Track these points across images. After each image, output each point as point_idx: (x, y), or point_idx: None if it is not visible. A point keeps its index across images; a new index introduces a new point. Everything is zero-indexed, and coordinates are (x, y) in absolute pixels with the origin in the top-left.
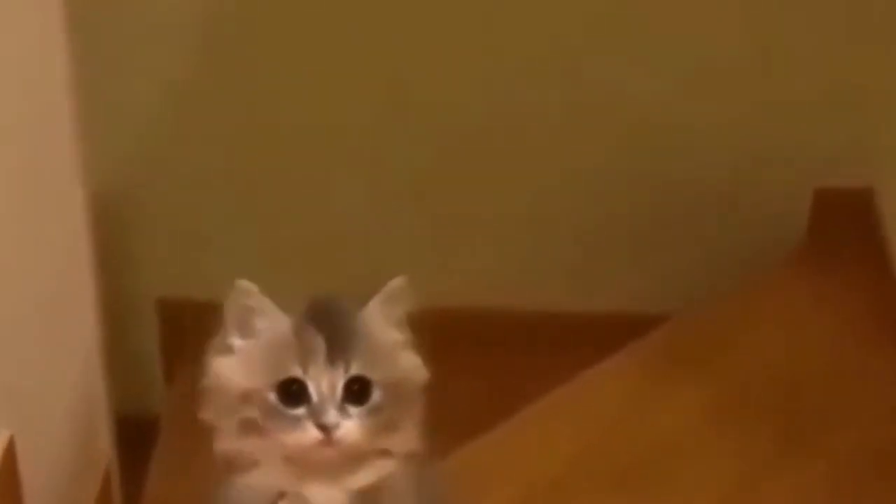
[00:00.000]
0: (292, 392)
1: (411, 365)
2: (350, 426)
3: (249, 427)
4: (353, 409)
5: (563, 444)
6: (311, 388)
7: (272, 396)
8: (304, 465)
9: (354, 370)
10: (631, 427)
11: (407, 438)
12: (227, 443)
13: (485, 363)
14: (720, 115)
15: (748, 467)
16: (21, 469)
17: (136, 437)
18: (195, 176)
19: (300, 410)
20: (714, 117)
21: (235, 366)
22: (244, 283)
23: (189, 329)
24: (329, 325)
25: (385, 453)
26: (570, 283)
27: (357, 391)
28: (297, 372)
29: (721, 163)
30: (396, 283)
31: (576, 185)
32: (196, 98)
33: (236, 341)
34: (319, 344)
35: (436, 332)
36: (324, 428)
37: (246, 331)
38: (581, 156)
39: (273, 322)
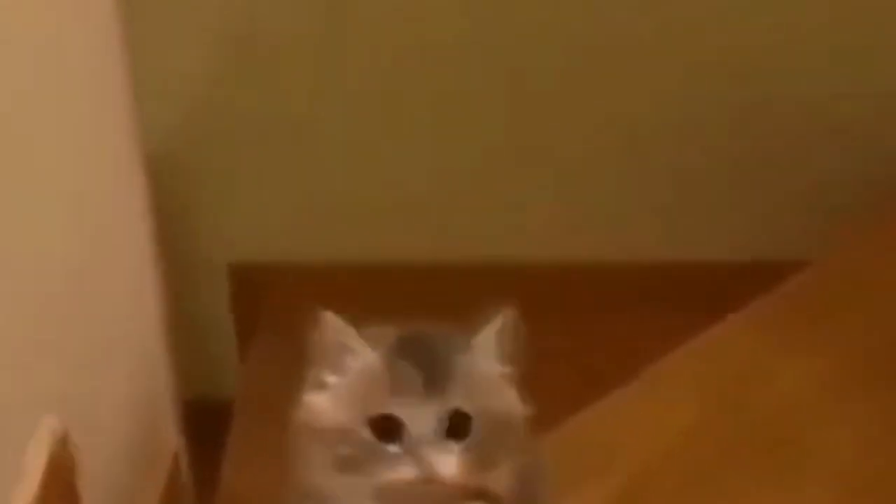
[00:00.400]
0: (387, 428)
1: (513, 400)
2: (449, 462)
3: (343, 464)
4: (452, 445)
5: (677, 414)
6: (407, 424)
7: (366, 432)
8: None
9: (453, 404)
10: (751, 394)
11: (505, 476)
12: (320, 479)
13: (582, 324)
14: (837, 38)
15: (876, 434)
16: (78, 461)
17: (208, 419)
18: (263, 136)
19: (396, 447)
20: (830, 40)
21: (328, 402)
22: (330, 317)
23: (263, 296)
24: (425, 357)
25: (481, 495)
26: (669, 231)
27: (456, 426)
28: (391, 407)
29: (838, 92)
30: (508, 314)
31: (670, 121)
32: (260, 54)
33: (329, 377)
34: (414, 377)
35: (523, 291)
36: (421, 464)
37: (336, 366)
38: (675, 86)
39: (363, 356)
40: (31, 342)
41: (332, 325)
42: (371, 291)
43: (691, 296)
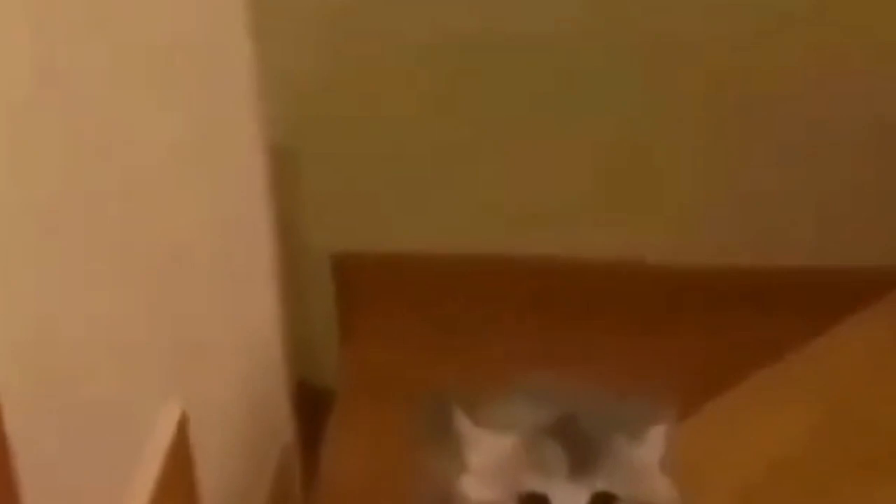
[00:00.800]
0: None
1: (664, 488)
2: None
3: None
4: None
5: (790, 421)
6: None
7: None
8: None
9: (601, 485)
10: (877, 400)
11: None
12: None
13: (702, 324)
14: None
15: None
16: (194, 445)
17: (312, 406)
18: (366, 127)
19: None
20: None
21: (473, 483)
22: (435, 400)
23: (366, 286)
24: (573, 435)
25: None
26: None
27: None
28: (536, 485)
29: None
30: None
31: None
32: (376, 51)
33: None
34: (560, 456)
35: (631, 289)
36: None
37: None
38: (765, 81)
39: (480, 446)
40: (155, 329)
41: (441, 409)
42: (473, 284)
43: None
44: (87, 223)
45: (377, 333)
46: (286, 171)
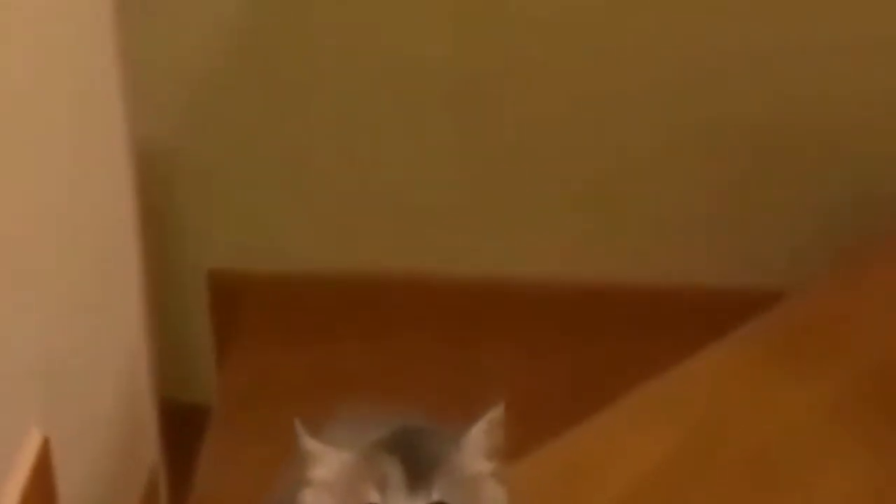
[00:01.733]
0: None
1: (497, 496)
2: None
3: None
4: None
5: (659, 444)
6: None
7: None
8: None
9: (436, 496)
10: (741, 424)
11: None
12: None
13: (566, 346)
14: (823, 50)
15: (866, 465)
16: (57, 469)
17: (183, 425)
18: (247, 140)
19: None
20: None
21: (313, 497)
22: (298, 426)
23: (243, 304)
24: (409, 450)
25: None
26: (660, 255)
27: None
28: (374, 498)
29: (827, 108)
30: (497, 412)
31: (660, 143)
32: (248, 55)
33: (315, 472)
34: (397, 468)
35: (502, 309)
36: None
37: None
38: (659, 103)
39: (327, 462)
40: (14, 354)
41: (301, 433)
42: (352, 301)
43: (682, 322)
44: None
45: (254, 351)
46: (163, 188)
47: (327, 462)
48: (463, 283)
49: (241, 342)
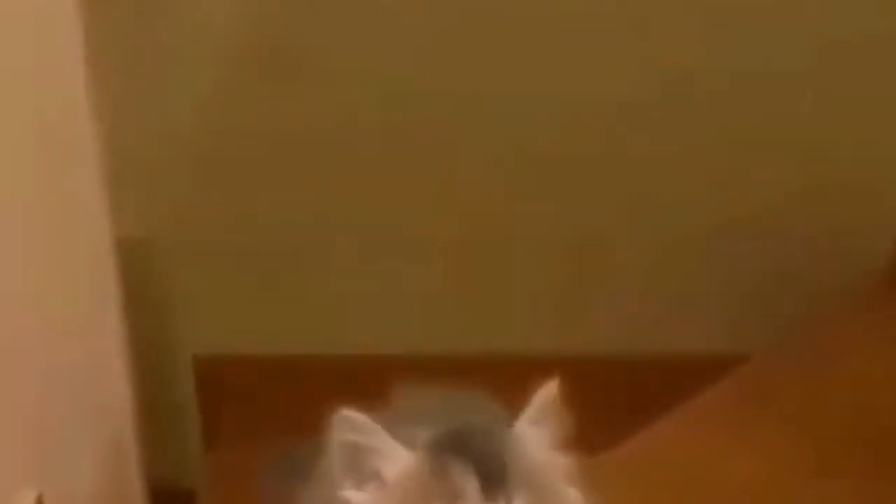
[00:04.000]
0: None
1: (574, 496)
2: None
3: None
4: None
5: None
6: None
7: None
8: None
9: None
10: (708, 485)
11: None
12: None
13: None
14: (796, 144)
15: None
16: None
17: None
18: (233, 224)
19: None
20: (784, 140)
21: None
22: (350, 415)
23: (229, 388)
24: (476, 455)
25: None
26: (620, 323)
27: None
28: None
29: (791, 191)
30: (546, 393)
31: (622, 214)
32: (230, 143)
33: (352, 495)
34: (471, 480)
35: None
36: None
37: (361, 475)
38: (629, 180)
39: (396, 460)
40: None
41: (353, 422)
42: (339, 385)
43: (644, 387)
44: None
45: (240, 435)
46: (145, 270)
47: (392, 461)
48: (450, 361)
49: (227, 426)
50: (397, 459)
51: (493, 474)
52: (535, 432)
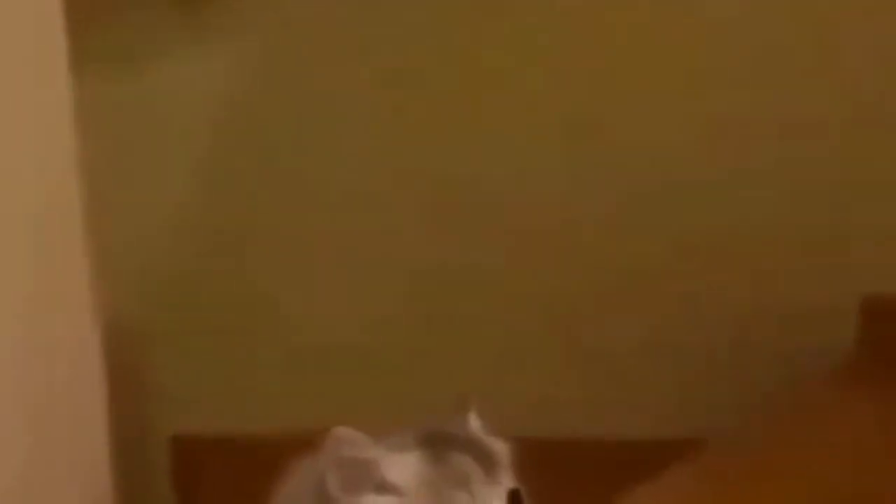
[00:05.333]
0: None
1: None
2: None
3: None
4: None
5: None
6: None
7: None
8: None
9: (507, 483)
10: None
11: None
12: None
13: None
14: (759, 214)
15: None
16: None
17: None
18: (208, 308)
19: None
20: (752, 215)
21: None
22: (345, 432)
23: (206, 469)
24: (463, 444)
25: None
26: (589, 408)
27: None
28: (465, 500)
29: (759, 266)
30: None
31: (588, 301)
32: (209, 228)
33: (370, 500)
34: (472, 466)
35: None
36: None
37: (365, 487)
38: (598, 261)
39: (397, 465)
40: None
41: (350, 441)
42: None
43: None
44: None
45: None
46: (126, 354)
47: (394, 467)
48: None
49: None
50: (398, 464)
51: (485, 458)
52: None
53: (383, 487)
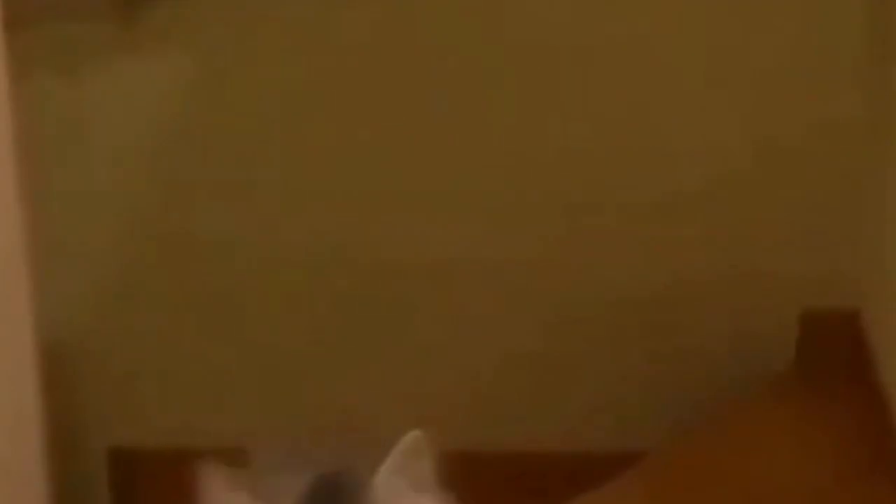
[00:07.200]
0: None
1: None
2: None
3: None
4: None
5: None
6: None
7: None
8: None
9: None
10: None
11: None
12: None
13: None
14: (700, 233)
15: None
16: None
17: None
18: (145, 324)
19: None
20: (693, 234)
21: None
22: (216, 474)
23: (144, 481)
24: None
25: None
26: (534, 421)
27: None
28: None
29: (701, 282)
30: (409, 439)
31: (534, 318)
32: (145, 242)
33: None
34: None
35: None
36: None
37: None
38: (548, 284)
39: None
40: None
41: (220, 483)
42: None
43: (560, 484)
44: None
45: None
46: (62, 368)
47: None
48: None
49: None
50: None
51: None
52: (396, 481)
53: None
